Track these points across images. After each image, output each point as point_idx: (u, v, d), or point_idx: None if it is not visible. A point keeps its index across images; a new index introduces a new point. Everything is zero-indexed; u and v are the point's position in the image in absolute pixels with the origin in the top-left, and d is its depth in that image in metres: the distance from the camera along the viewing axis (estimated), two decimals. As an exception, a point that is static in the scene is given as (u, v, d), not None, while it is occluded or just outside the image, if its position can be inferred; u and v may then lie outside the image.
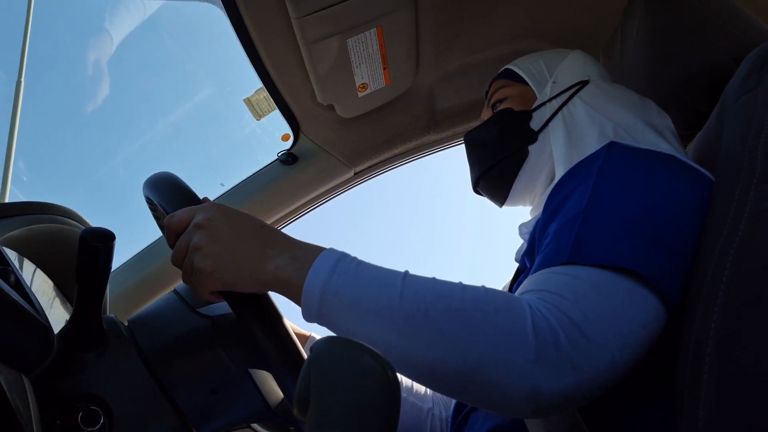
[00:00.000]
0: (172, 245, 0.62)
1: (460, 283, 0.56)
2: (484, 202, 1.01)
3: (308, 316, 0.57)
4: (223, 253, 0.58)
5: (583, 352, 0.51)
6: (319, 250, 0.59)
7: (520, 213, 0.99)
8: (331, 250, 0.58)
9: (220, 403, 0.67)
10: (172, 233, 0.62)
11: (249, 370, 0.68)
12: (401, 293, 0.54)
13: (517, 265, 0.87)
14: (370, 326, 0.54)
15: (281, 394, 0.71)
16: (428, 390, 1.01)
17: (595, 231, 0.60)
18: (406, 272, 0.56)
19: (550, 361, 0.50)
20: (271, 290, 0.60)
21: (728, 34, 0.83)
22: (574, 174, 0.71)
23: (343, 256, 0.58)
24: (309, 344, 0.99)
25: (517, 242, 0.90)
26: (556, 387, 0.50)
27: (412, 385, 0.99)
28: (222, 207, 0.62)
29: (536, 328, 0.51)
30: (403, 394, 0.97)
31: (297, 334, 0.98)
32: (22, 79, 7.73)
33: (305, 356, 0.60)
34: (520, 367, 0.49)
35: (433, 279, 0.56)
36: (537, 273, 0.60)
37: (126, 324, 0.70)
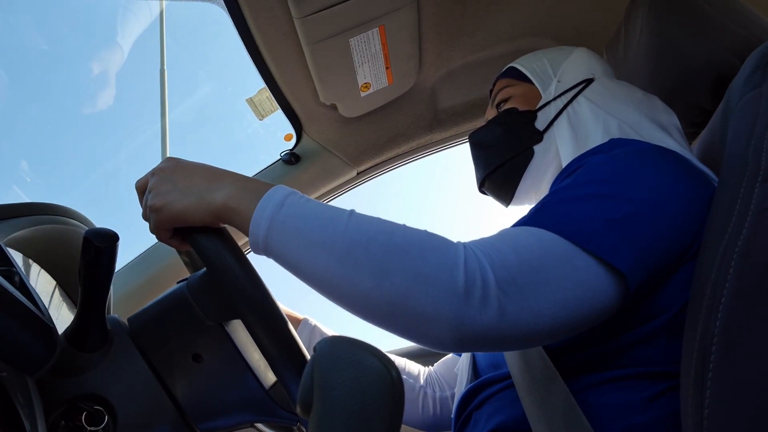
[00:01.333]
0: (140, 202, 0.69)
1: (404, 224, 0.58)
2: (489, 200, 1.01)
3: (255, 246, 0.59)
4: (173, 190, 0.63)
5: (510, 294, 0.53)
6: (269, 185, 0.62)
7: (525, 210, 0.99)
8: (282, 186, 0.61)
9: (208, 378, 0.67)
10: (139, 194, 0.69)
11: (232, 340, 0.68)
12: (346, 226, 0.56)
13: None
14: (312, 256, 0.56)
15: (273, 377, 0.71)
16: (421, 370, 1.04)
17: (559, 203, 0.62)
18: (353, 210, 0.59)
19: (476, 297, 0.52)
20: (221, 220, 0.62)
21: (732, 31, 0.82)
22: (572, 164, 0.73)
23: (293, 192, 0.61)
24: (303, 328, 1.00)
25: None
26: (479, 322, 0.52)
27: (405, 365, 1.02)
28: (177, 158, 0.67)
29: (467, 265, 0.53)
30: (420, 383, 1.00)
31: (291, 318, 0.99)
32: (165, 67, 8.35)
33: (308, 356, 0.60)
34: (446, 297, 0.52)
35: (379, 218, 0.59)
36: None
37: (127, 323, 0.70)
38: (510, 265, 0.54)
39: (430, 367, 1.06)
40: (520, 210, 0.99)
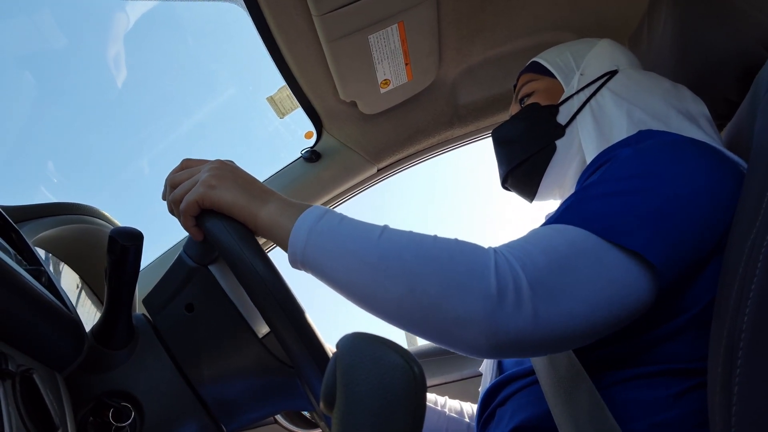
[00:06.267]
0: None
1: (435, 234, 0.59)
2: (512, 195, 1.00)
3: (293, 260, 0.61)
4: (232, 181, 0.65)
5: (543, 296, 0.52)
6: (309, 204, 0.64)
7: (550, 205, 0.98)
8: (319, 206, 0.63)
9: (202, 327, 0.68)
10: (182, 168, 0.69)
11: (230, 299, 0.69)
12: (379, 237, 0.58)
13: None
14: (346, 266, 0.58)
15: (266, 327, 0.72)
16: (438, 400, 1.01)
17: (589, 200, 0.62)
18: (386, 225, 0.60)
19: (509, 301, 0.51)
20: (260, 230, 0.64)
21: (759, 21, 0.80)
22: (600, 158, 0.71)
23: (331, 210, 0.63)
24: None
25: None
26: (514, 327, 0.51)
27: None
28: (233, 162, 0.69)
29: (498, 269, 0.53)
30: (446, 411, 0.97)
31: None
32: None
33: (329, 352, 0.61)
34: (479, 304, 0.52)
35: (411, 231, 0.59)
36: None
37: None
38: (541, 266, 0.54)
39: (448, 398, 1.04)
40: (545, 205, 0.98)
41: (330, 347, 0.80)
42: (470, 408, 1.00)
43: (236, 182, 0.65)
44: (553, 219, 0.61)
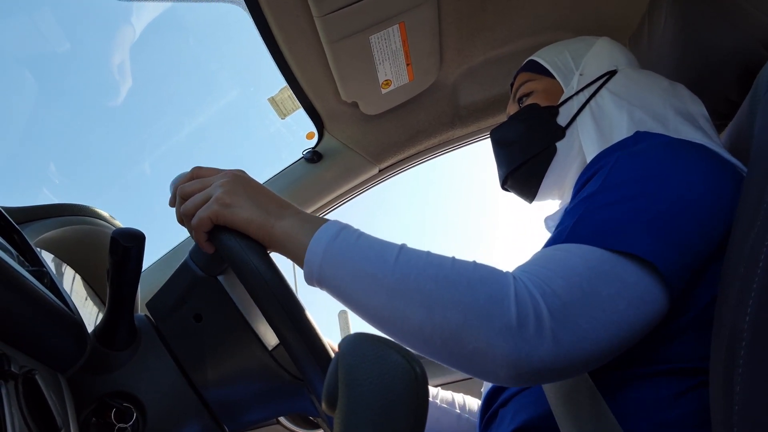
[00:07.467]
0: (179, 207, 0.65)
1: (453, 256, 0.58)
2: (511, 196, 1.00)
3: (309, 277, 0.60)
4: (245, 197, 0.63)
5: (564, 323, 0.52)
6: (325, 219, 0.63)
7: (550, 206, 0.98)
8: (337, 220, 0.62)
9: (210, 337, 0.67)
10: (180, 197, 0.66)
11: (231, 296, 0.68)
12: (396, 258, 0.57)
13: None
14: (363, 287, 0.56)
15: (275, 339, 0.72)
16: (455, 397, 1.01)
17: (595, 211, 0.61)
18: (404, 244, 0.59)
19: (529, 330, 0.51)
20: (275, 247, 0.63)
21: (760, 20, 0.80)
22: (597, 160, 0.71)
23: (347, 226, 0.61)
24: None
25: (546, 235, 0.89)
26: (536, 355, 0.51)
27: (437, 393, 0.99)
28: (246, 173, 0.67)
29: (518, 297, 0.52)
30: (456, 410, 0.97)
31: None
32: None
33: (331, 352, 0.61)
34: (500, 332, 0.51)
35: (428, 252, 0.58)
36: (539, 251, 0.61)
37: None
38: (561, 292, 0.53)
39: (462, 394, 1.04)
40: (544, 204, 0.97)
41: (331, 343, 0.80)
42: (462, 399, 0.99)
43: (250, 198, 0.63)
44: (565, 236, 0.60)
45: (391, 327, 0.56)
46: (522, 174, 0.92)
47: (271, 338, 0.72)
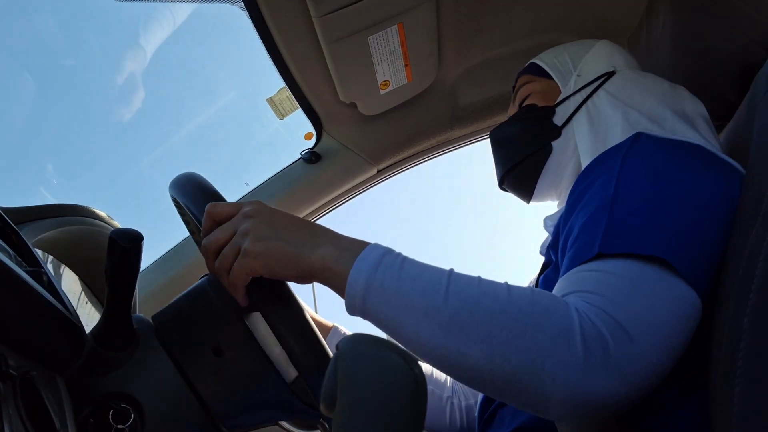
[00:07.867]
0: (208, 232, 0.62)
1: (506, 283, 0.55)
2: (509, 196, 1.00)
3: (351, 309, 0.57)
4: (274, 238, 0.58)
5: (630, 357, 0.50)
6: (364, 243, 0.59)
7: (548, 206, 0.98)
8: (377, 244, 0.58)
9: (229, 372, 0.67)
10: (212, 222, 0.62)
11: (256, 338, 0.68)
12: (447, 290, 0.53)
13: (542, 258, 0.87)
14: (414, 323, 0.53)
15: (295, 372, 0.71)
16: (448, 378, 1.01)
17: (622, 221, 0.59)
18: (452, 270, 0.56)
19: (597, 368, 0.49)
20: (315, 279, 0.59)
21: (758, 21, 0.80)
22: (597, 164, 0.71)
23: (389, 251, 0.58)
24: (332, 335, 0.98)
25: (544, 235, 0.89)
26: (604, 394, 0.49)
27: (432, 372, 0.99)
28: (264, 204, 0.63)
29: (584, 334, 0.50)
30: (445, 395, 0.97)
31: (320, 325, 0.99)
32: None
33: (330, 353, 0.61)
34: (567, 373, 0.48)
35: (479, 277, 0.55)
36: (572, 271, 0.59)
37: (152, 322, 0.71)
38: (623, 321, 0.51)
39: None
40: (542, 204, 0.97)
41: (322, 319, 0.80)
42: (450, 380, 1.00)
43: (279, 237, 0.58)
44: (595, 250, 0.58)
45: (448, 365, 0.53)
46: (518, 173, 0.92)
47: (291, 372, 0.71)
